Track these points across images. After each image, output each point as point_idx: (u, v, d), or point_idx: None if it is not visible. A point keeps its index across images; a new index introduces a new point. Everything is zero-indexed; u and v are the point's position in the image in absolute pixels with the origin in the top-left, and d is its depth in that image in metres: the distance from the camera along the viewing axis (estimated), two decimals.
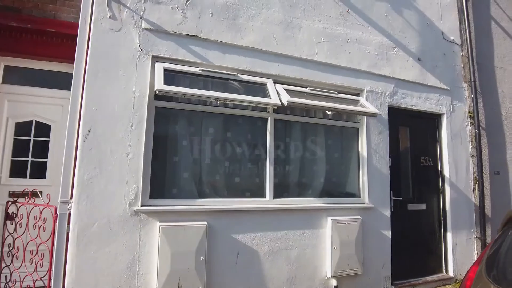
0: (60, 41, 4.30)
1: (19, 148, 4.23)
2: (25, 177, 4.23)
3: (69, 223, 3.09)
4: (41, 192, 3.89)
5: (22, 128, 4.27)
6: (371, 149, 4.53)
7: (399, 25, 5.09)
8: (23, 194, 3.55)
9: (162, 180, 3.48)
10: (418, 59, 5.18)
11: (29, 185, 4.00)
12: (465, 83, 5.68)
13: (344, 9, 4.62)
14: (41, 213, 3.29)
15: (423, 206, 5.09)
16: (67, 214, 3.10)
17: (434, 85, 5.28)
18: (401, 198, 4.84)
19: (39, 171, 4.28)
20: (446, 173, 5.25)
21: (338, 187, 4.42)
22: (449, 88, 5.44)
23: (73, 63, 3.36)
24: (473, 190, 5.44)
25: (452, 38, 5.66)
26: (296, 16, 4.27)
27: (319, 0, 4.45)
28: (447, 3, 5.71)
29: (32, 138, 4.30)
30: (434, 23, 5.50)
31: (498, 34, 6.27)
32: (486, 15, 6.20)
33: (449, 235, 5.12)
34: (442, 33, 5.57)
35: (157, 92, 3.25)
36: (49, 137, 4.34)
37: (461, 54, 5.74)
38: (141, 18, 3.50)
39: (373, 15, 4.84)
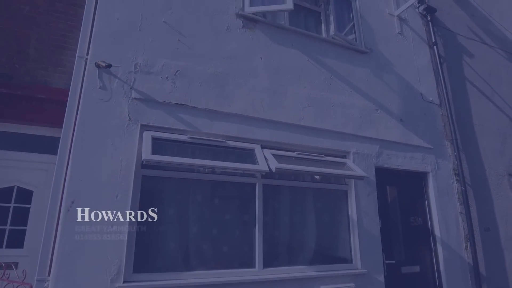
0: (49, 106, 4.29)
1: None
2: (1, 247, 4.00)
3: None
4: (16, 264, 3.68)
5: (2, 193, 4.12)
6: (361, 211, 4.49)
7: (380, 88, 5.32)
8: None
9: (147, 252, 3.34)
10: (401, 120, 5.36)
11: (5, 255, 3.79)
12: (447, 141, 5.85)
13: (328, 75, 4.84)
14: None
15: (416, 268, 4.95)
16: None
17: (417, 144, 5.42)
18: (394, 261, 4.71)
19: (17, 239, 4.05)
20: (437, 232, 5.19)
21: (329, 252, 4.30)
22: (432, 147, 5.57)
23: (59, 127, 3.37)
24: (465, 248, 5.36)
25: (431, 98, 5.93)
26: (282, 83, 4.44)
27: (303, 67, 4.68)
28: (424, 67, 6.05)
29: (12, 205, 4.14)
30: (413, 85, 5.78)
31: (473, 93, 6.60)
32: (461, 76, 6.57)
33: None
34: (421, 94, 5.83)
35: (144, 162, 3.24)
36: (30, 203, 4.18)
37: (441, 113, 5.97)
38: (131, 88, 3.58)
39: (355, 80, 5.08)
